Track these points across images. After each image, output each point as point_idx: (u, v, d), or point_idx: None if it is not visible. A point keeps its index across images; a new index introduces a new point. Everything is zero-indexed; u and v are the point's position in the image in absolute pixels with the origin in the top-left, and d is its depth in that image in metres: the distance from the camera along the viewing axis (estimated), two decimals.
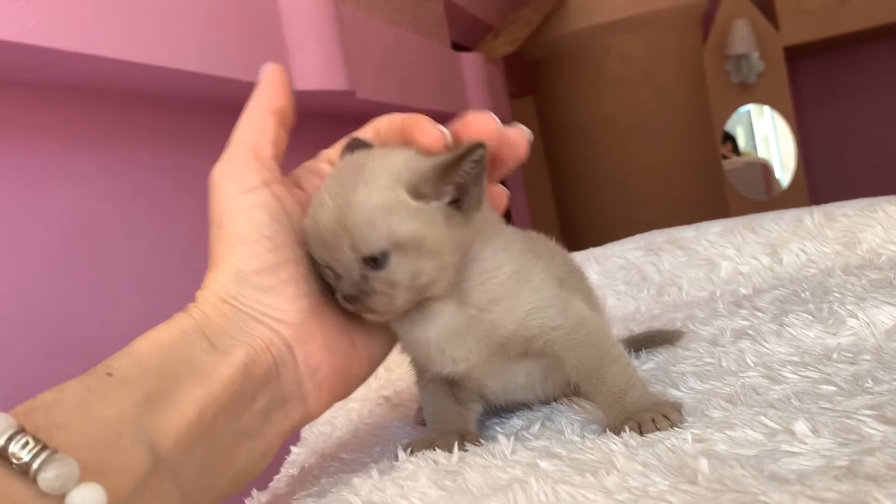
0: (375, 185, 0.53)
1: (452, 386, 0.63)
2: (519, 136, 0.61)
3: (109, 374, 0.46)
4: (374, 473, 0.53)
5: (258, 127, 0.59)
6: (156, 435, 0.45)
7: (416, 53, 2.36)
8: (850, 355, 0.61)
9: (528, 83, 3.74)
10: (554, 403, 0.65)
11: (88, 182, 1.36)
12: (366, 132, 0.63)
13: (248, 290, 0.54)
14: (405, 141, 0.59)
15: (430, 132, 0.58)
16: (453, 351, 0.57)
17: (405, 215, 0.53)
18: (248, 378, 0.51)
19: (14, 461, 0.38)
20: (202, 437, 0.47)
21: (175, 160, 1.59)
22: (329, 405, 0.57)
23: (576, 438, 0.55)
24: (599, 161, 3.41)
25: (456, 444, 0.56)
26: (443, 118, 0.61)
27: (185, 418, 0.46)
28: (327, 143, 0.70)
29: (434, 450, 0.55)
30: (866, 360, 0.60)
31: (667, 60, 3.40)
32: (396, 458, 0.56)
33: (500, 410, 0.67)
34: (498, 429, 0.62)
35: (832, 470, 0.41)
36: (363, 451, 0.67)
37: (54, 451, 0.38)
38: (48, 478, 0.37)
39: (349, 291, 0.53)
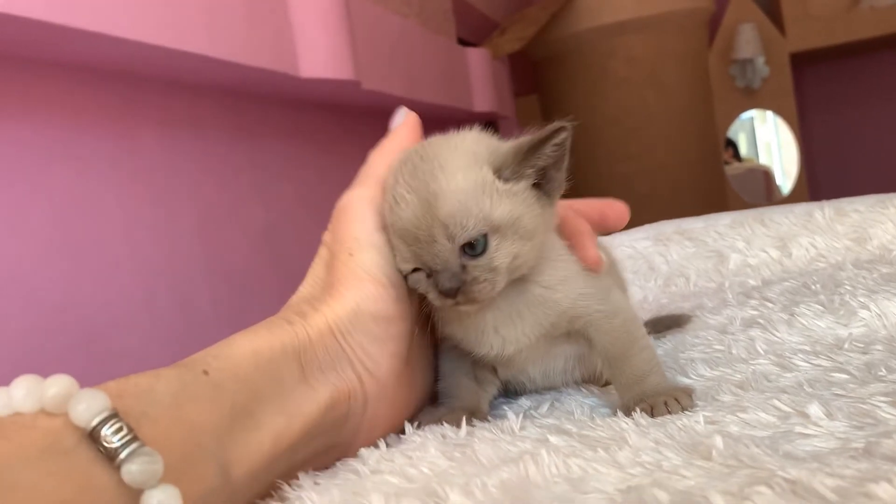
0: (457, 168, 0.52)
1: (475, 364, 0.63)
2: (625, 213, 0.68)
3: (206, 373, 0.45)
4: (382, 445, 0.52)
5: (394, 158, 0.58)
6: (230, 458, 0.44)
7: (422, 47, 2.35)
8: (862, 345, 0.61)
9: (532, 82, 3.74)
10: (562, 387, 0.65)
11: (91, 163, 1.35)
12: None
13: (359, 333, 0.53)
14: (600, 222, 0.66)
15: (593, 255, 0.59)
16: (507, 331, 0.57)
17: (496, 196, 0.52)
18: (324, 421, 0.50)
19: (103, 444, 0.36)
20: (266, 469, 0.46)
21: (179, 145, 1.58)
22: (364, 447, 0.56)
23: (585, 418, 0.54)
24: (602, 161, 3.41)
25: (464, 419, 0.55)
26: (448, 113, 0.62)
27: (260, 450, 0.46)
28: (331, 133, 0.70)
29: (442, 424, 0.55)
30: (878, 350, 0.59)
31: (672, 63, 3.40)
32: (404, 432, 0.55)
33: (509, 392, 0.67)
34: (506, 408, 0.61)
35: (848, 451, 0.41)
36: None
37: (143, 444, 0.37)
38: (132, 470, 0.36)
39: (450, 285, 0.51)
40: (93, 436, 0.37)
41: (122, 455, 0.36)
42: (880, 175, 3.82)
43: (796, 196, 3.76)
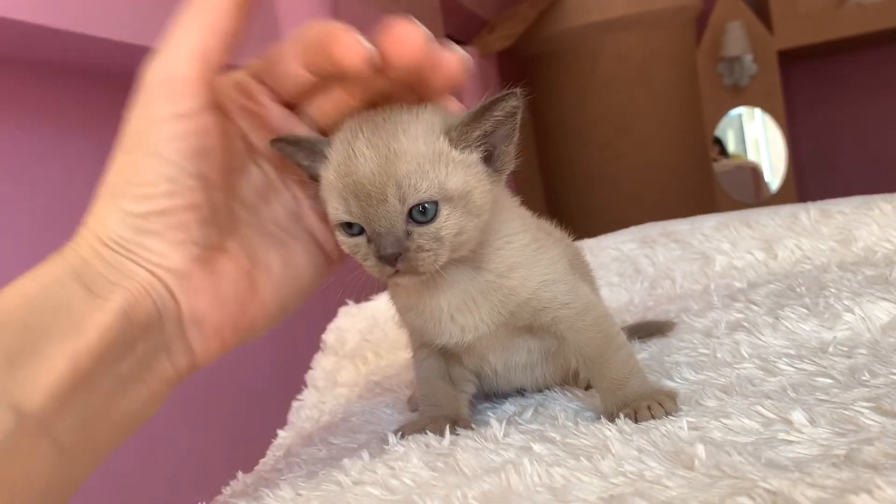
0: (417, 133, 0.51)
1: (449, 362, 0.62)
2: (453, 61, 0.52)
3: None
4: (365, 455, 0.52)
5: (213, 19, 0.49)
6: (18, 395, 0.42)
7: None
8: (846, 349, 0.61)
9: (521, 79, 3.73)
10: (547, 391, 0.65)
11: (78, 164, 1.34)
12: (285, 50, 0.54)
13: (130, 233, 0.48)
14: (323, 59, 0.51)
15: (352, 47, 0.48)
16: (464, 319, 0.57)
17: (452, 166, 0.51)
18: (128, 324, 0.47)
19: None
20: (78, 389, 0.44)
21: None
22: (221, 354, 0.53)
23: (569, 424, 0.54)
24: (590, 159, 3.41)
25: (448, 428, 0.55)
26: None
27: (55, 374, 0.43)
28: None
29: (426, 434, 0.55)
30: (862, 353, 0.59)
31: (660, 61, 3.40)
32: (387, 442, 0.55)
33: (492, 396, 0.66)
34: (490, 413, 0.61)
35: (830, 458, 0.41)
36: (352, 436, 0.66)
37: None
38: None
39: (393, 250, 0.50)
40: None
41: None
42: (867, 171, 3.84)
43: (784, 192, 3.77)
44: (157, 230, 0.48)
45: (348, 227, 0.52)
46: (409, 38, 0.49)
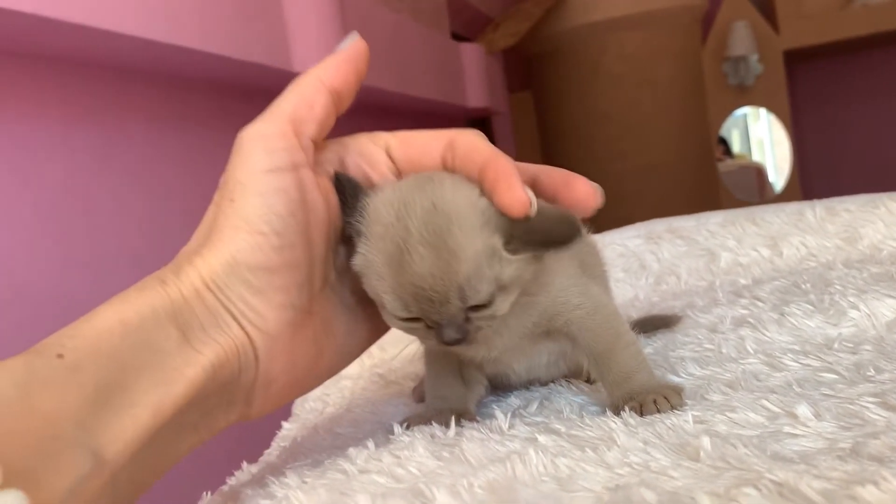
0: (474, 227, 0.50)
1: (461, 365, 0.62)
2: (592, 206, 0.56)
3: (60, 356, 0.41)
4: (370, 444, 0.52)
5: (307, 100, 0.52)
6: (101, 441, 0.40)
7: (415, 41, 2.35)
8: (852, 345, 0.61)
9: (526, 77, 3.74)
10: (552, 385, 0.65)
11: (82, 157, 1.34)
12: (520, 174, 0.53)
13: (237, 285, 0.48)
14: (553, 193, 0.54)
15: (516, 196, 0.50)
16: (492, 341, 0.56)
17: (504, 262, 0.50)
18: (211, 382, 0.47)
19: None
20: (150, 441, 0.43)
21: (170, 139, 1.58)
22: (271, 411, 0.54)
23: (574, 417, 0.54)
24: (595, 158, 3.41)
25: (453, 419, 0.55)
26: (441, 108, 0.60)
27: (138, 425, 0.42)
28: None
29: (431, 424, 0.55)
30: (867, 350, 0.59)
31: (665, 60, 3.40)
32: (392, 432, 0.55)
33: (497, 389, 0.67)
34: (495, 406, 0.61)
35: (836, 451, 0.41)
36: (356, 427, 0.67)
37: None
38: None
39: (455, 336, 0.50)
40: None
41: None
42: (873, 173, 3.83)
43: (789, 193, 3.77)
44: (262, 288, 0.48)
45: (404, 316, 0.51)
46: (591, 200, 0.55)
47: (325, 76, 0.53)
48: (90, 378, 0.41)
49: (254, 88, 1.82)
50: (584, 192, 0.55)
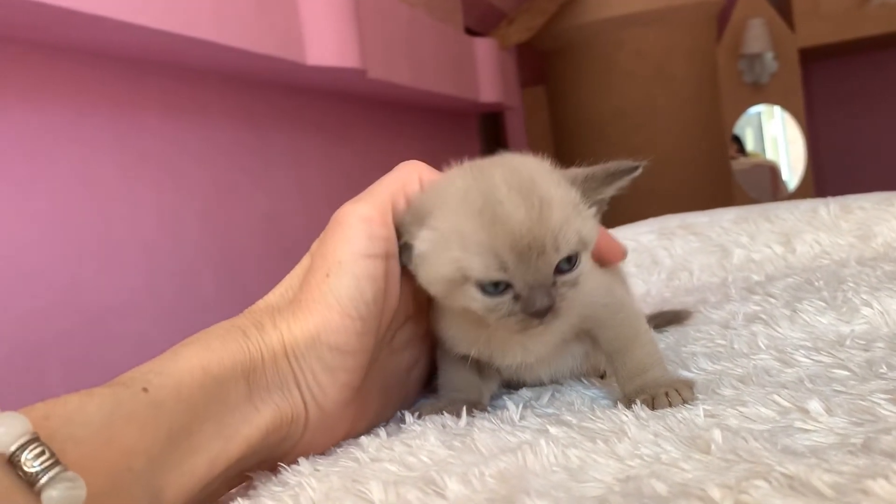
0: (553, 182, 0.50)
1: (482, 365, 0.62)
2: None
3: (145, 391, 0.42)
4: (382, 433, 0.52)
5: (404, 184, 0.55)
6: (163, 483, 0.42)
7: (429, 36, 2.35)
8: (864, 342, 0.61)
9: (539, 72, 3.73)
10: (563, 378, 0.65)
11: (96, 147, 1.35)
12: None
13: (313, 360, 0.50)
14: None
15: (617, 249, 0.62)
16: (533, 344, 0.57)
17: (584, 216, 0.51)
18: (263, 443, 0.49)
19: (23, 469, 0.35)
20: (199, 492, 0.45)
21: (183, 130, 1.58)
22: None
23: (585, 409, 0.54)
24: (607, 154, 3.36)
25: (464, 410, 0.55)
26: (454, 102, 0.60)
27: (194, 474, 0.44)
28: (336, 121, 0.69)
29: (442, 415, 0.55)
30: (880, 347, 0.59)
31: (680, 56, 3.39)
32: (404, 422, 0.55)
33: (511, 385, 0.67)
34: (506, 398, 0.61)
35: (847, 446, 0.41)
36: None
37: (65, 469, 0.36)
38: (52, 496, 0.35)
39: (546, 303, 0.49)
40: (12, 461, 0.35)
41: (43, 480, 0.35)
42: (887, 172, 3.81)
43: (802, 192, 3.75)
44: (333, 367, 0.51)
45: (493, 286, 0.50)
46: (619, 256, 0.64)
47: (423, 170, 0.56)
48: (167, 418, 0.43)
49: (267, 81, 1.82)
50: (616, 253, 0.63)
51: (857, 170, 3.94)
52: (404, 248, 0.54)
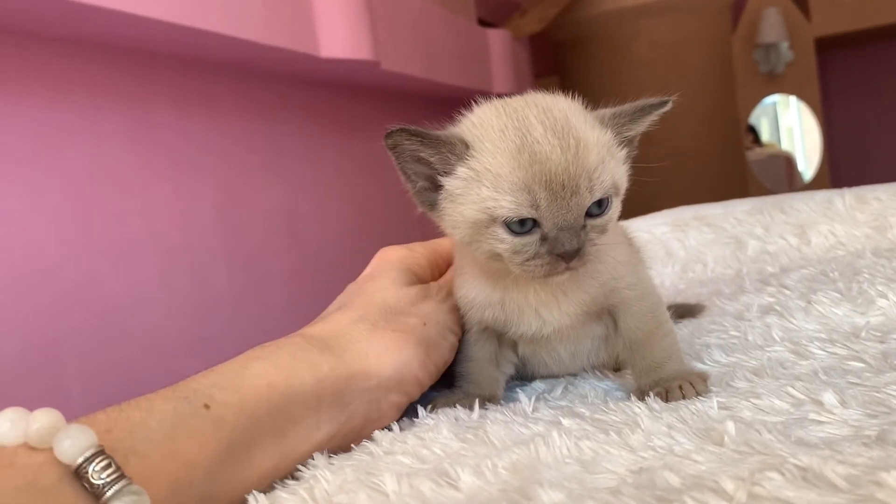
0: (588, 123, 0.50)
1: (501, 344, 0.62)
2: None
3: (207, 407, 0.43)
4: (395, 426, 0.52)
5: (440, 253, 0.64)
6: (214, 493, 0.43)
7: (442, 27, 2.34)
8: (879, 334, 0.60)
9: (553, 63, 3.71)
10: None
11: (110, 140, 1.36)
12: None
13: (392, 395, 0.54)
14: None
15: None
16: (548, 312, 0.57)
17: (616, 159, 0.51)
18: (316, 453, 0.49)
19: (89, 481, 0.36)
20: (246, 493, 0.45)
21: (197, 124, 1.59)
22: None
23: (598, 402, 0.55)
24: None
25: (476, 402, 0.55)
26: (466, 94, 0.59)
27: (244, 485, 0.44)
28: (349, 113, 0.69)
29: (455, 408, 0.55)
30: (895, 339, 0.59)
31: (695, 46, 3.36)
32: (417, 415, 0.56)
33: (525, 376, 0.67)
34: (519, 390, 0.61)
35: (861, 438, 0.40)
36: None
37: (130, 482, 0.36)
38: None
39: (575, 245, 0.48)
40: (79, 473, 0.36)
41: (109, 493, 0.36)
42: None
43: (818, 182, 3.72)
44: (399, 398, 0.55)
45: (519, 224, 0.49)
46: None
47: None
48: (229, 434, 0.43)
49: (280, 73, 1.82)
50: None
51: (874, 160, 3.91)
52: (424, 191, 0.53)
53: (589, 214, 0.49)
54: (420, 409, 0.56)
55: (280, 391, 0.47)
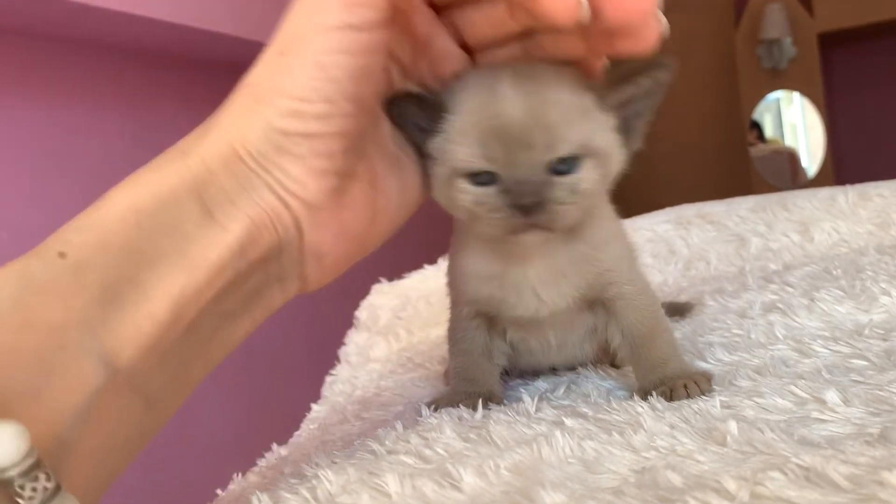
0: (563, 84, 0.49)
1: (490, 335, 0.62)
2: (655, 33, 0.46)
3: (62, 255, 0.37)
4: (398, 426, 0.52)
5: None
6: (112, 346, 0.36)
7: None
8: (883, 332, 0.60)
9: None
10: (581, 369, 0.65)
11: (115, 140, 1.36)
12: None
13: (272, 151, 0.42)
14: (514, 14, 0.47)
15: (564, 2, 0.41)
16: (547, 293, 0.56)
17: (597, 123, 0.50)
18: (243, 261, 0.42)
19: None
20: (176, 337, 0.39)
21: (200, 123, 1.59)
22: (331, 280, 0.49)
23: (601, 401, 0.55)
24: None
25: (480, 402, 0.55)
26: None
27: (154, 322, 0.38)
28: None
29: (458, 407, 0.55)
30: None
31: (697, 43, 3.36)
32: (420, 415, 0.56)
33: (525, 374, 0.67)
34: (522, 390, 0.61)
35: (864, 437, 0.40)
36: (385, 409, 0.67)
37: None
38: None
39: (532, 198, 0.47)
40: None
41: None
42: None
43: (821, 179, 3.71)
44: (301, 154, 0.43)
45: (475, 176, 0.49)
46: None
47: None
48: (97, 277, 0.37)
49: None
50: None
51: (878, 156, 3.90)
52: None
53: (557, 172, 0.48)
54: (423, 408, 0.57)
55: (150, 210, 0.39)
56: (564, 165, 0.49)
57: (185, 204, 0.40)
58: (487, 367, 0.61)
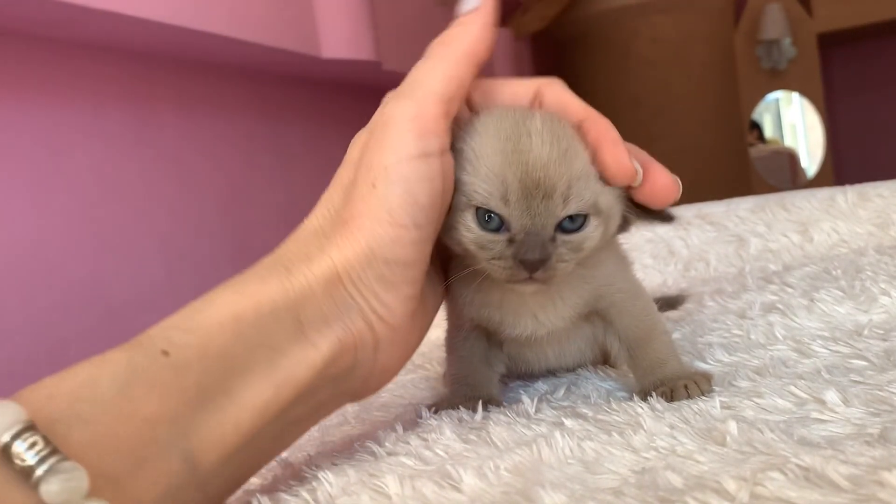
0: (579, 143, 0.49)
1: (489, 344, 0.62)
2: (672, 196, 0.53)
3: (165, 354, 0.38)
4: (399, 427, 0.52)
5: (455, 76, 0.48)
6: (198, 447, 0.38)
7: (443, 27, 2.34)
8: (882, 332, 0.60)
9: (555, 62, 3.71)
10: (580, 370, 0.65)
11: (115, 142, 1.36)
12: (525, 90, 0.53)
13: (372, 280, 0.45)
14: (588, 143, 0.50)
15: (623, 162, 0.49)
16: (545, 315, 0.56)
17: (607, 188, 0.50)
18: (324, 377, 0.44)
19: (17, 461, 0.32)
20: (248, 443, 0.41)
21: (201, 125, 1.59)
22: (380, 390, 0.52)
23: (601, 402, 0.55)
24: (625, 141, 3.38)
25: (480, 404, 0.55)
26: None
27: (239, 430, 0.40)
28: (352, 113, 0.68)
29: (458, 409, 0.55)
30: None
31: (697, 43, 3.36)
32: (420, 416, 0.56)
33: (524, 376, 0.67)
34: (522, 391, 0.61)
35: (863, 437, 0.40)
36: (385, 410, 0.67)
37: (63, 458, 0.32)
38: (51, 491, 0.31)
39: (538, 255, 0.47)
40: (7, 453, 0.32)
41: (38, 472, 0.31)
42: None
43: (821, 179, 3.71)
44: (395, 282, 0.46)
45: (486, 217, 0.48)
46: (666, 188, 0.52)
47: (469, 44, 0.49)
48: (195, 379, 0.38)
49: (283, 74, 1.83)
50: (662, 184, 0.52)
51: (877, 156, 3.90)
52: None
53: (563, 229, 0.49)
54: (423, 410, 0.57)
55: (250, 321, 0.41)
56: (572, 223, 0.49)
57: (283, 318, 0.43)
58: (486, 373, 0.61)
